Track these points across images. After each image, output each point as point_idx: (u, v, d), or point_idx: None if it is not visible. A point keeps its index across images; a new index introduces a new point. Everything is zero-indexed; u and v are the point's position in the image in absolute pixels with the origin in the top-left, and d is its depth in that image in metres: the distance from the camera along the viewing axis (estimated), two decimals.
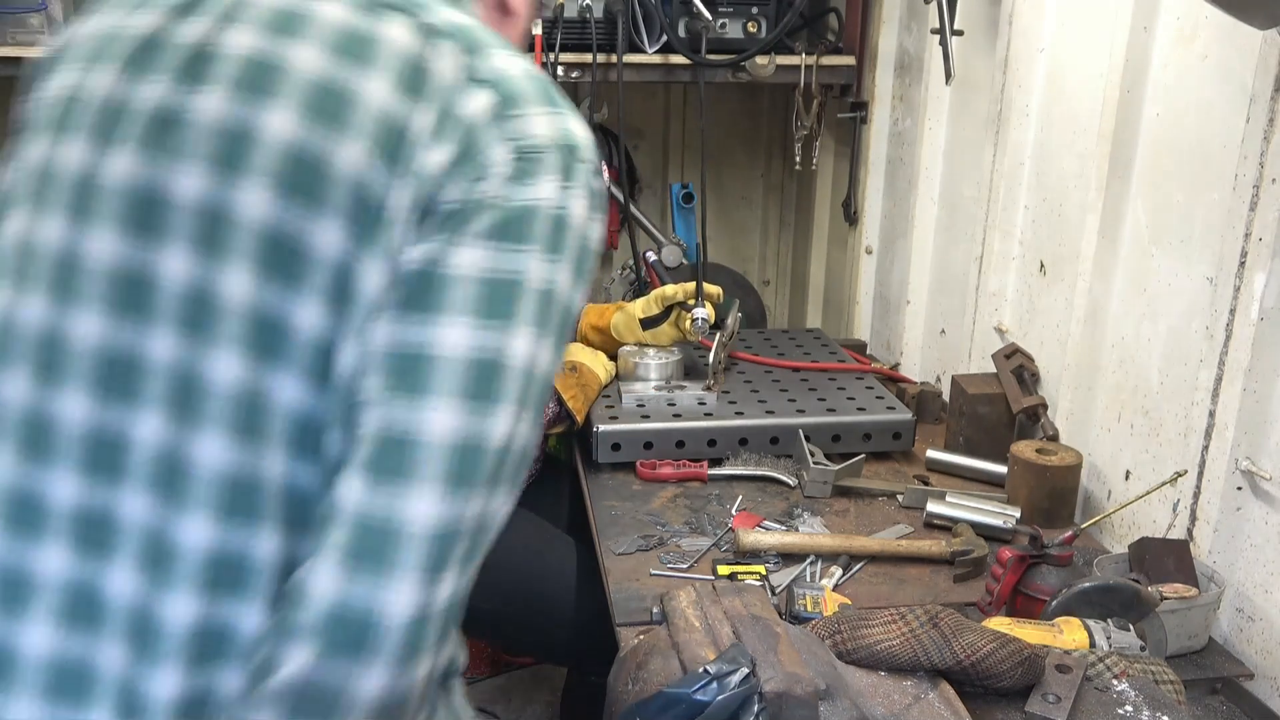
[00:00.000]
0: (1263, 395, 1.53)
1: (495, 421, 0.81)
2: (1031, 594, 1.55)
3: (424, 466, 0.79)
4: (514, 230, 0.83)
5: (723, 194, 3.70)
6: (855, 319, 3.10)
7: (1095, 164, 1.89)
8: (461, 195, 0.83)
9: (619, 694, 1.32)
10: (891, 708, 1.27)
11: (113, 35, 0.93)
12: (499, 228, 0.83)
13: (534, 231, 0.84)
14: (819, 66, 2.89)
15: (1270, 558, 1.52)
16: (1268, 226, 1.48)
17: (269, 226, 0.84)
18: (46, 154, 0.92)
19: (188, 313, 0.84)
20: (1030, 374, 2.15)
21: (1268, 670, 1.51)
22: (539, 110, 0.87)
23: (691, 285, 2.33)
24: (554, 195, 0.85)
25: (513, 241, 0.83)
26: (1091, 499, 1.97)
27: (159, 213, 0.86)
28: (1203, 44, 1.64)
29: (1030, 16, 2.16)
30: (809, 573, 1.70)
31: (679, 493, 1.99)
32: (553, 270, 0.84)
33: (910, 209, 2.71)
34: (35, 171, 0.92)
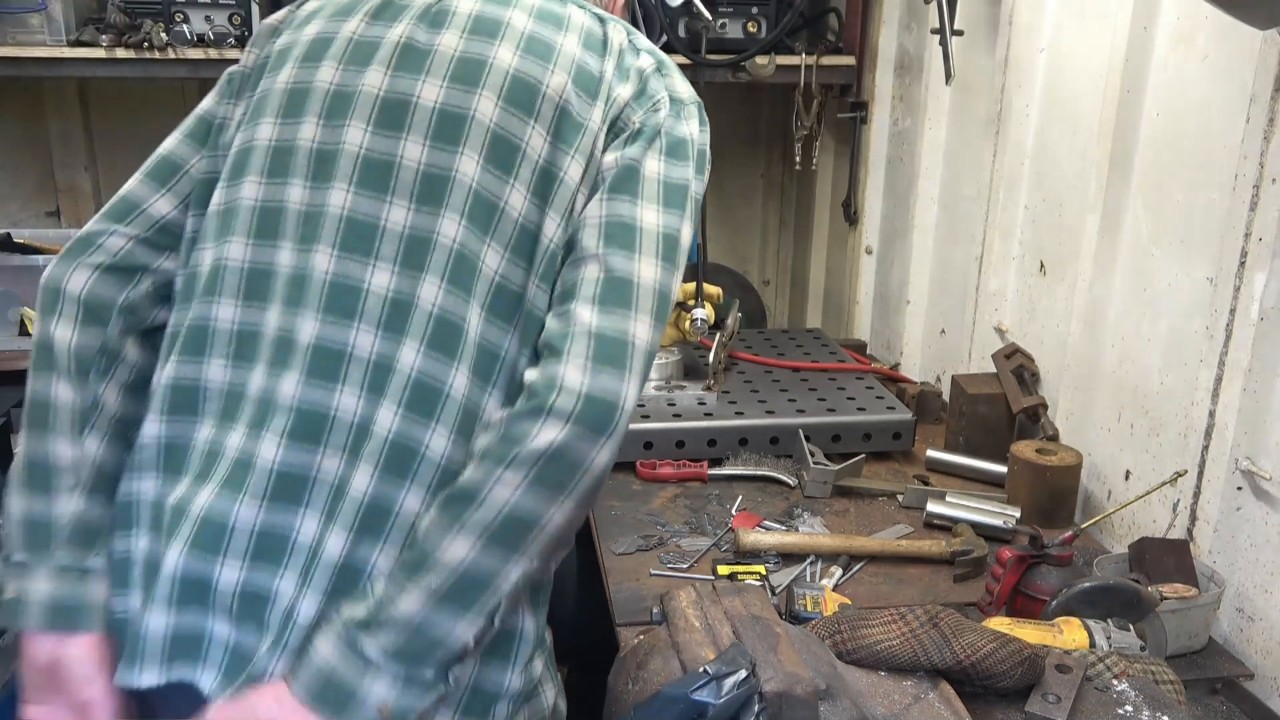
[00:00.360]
0: (1263, 395, 1.53)
1: (673, 278, 1.12)
2: (1031, 594, 1.55)
3: (641, 301, 1.07)
4: (679, 153, 1.16)
5: (723, 194, 3.70)
6: (855, 319, 3.10)
7: (1095, 164, 1.89)
8: (641, 119, 1.15)
9: (619, 694, 1.32)
10: (891, 708, 1.27)
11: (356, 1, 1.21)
12: (670, 149, 1.15)
13: (689, 155, 1.16)
14: (819, 66, 2.89)
15: (1270, 558, 1.52)
16: (1268, 226, 1.48)
17: (495, 126, 1.11)
18: (301, 76, 1.17)
19: (421, 189, 1.11)
20: (1030, 374, 2.15)
21: (1268, 670, 1.51)
22: (679, 76, 1.22)
23: (691, 286, 2.33)
24: (696, 133, 1.18)
25: (679, 160, 1.15)
26: (1091, 499, 1.97)
27: (404, 113, 1.12)
28: (1203, 44, 1.64)
29: (1030, 16, 2.16)
30: (809, 573, 1.71)
31: (679, 493, 1.99)
32: (699, 184, 1.17)
33: (910, 209, 2.71)
34: (286, 89, 1.17)
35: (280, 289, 1.13)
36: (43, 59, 2.67)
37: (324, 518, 1.07)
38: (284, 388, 1.10)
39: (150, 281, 1.19)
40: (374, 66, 1.15)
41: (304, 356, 1.10)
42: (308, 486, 1.08)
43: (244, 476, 1.09)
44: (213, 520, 1.08)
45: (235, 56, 2.69)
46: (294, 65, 1.18)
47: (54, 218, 3.47)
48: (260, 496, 1.08)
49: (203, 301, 1.15)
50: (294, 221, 1.13)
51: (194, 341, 1.14)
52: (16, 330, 2.53)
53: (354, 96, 1.14)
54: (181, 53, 2.70)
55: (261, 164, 1.16)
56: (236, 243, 1.15)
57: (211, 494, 1.09)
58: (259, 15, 2.72)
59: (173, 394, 1.14)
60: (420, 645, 1.01)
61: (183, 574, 1.08)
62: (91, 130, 3.45)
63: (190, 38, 2.67)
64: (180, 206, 1.21)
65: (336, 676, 1.02)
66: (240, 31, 2.71)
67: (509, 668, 1.11)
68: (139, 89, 3.37)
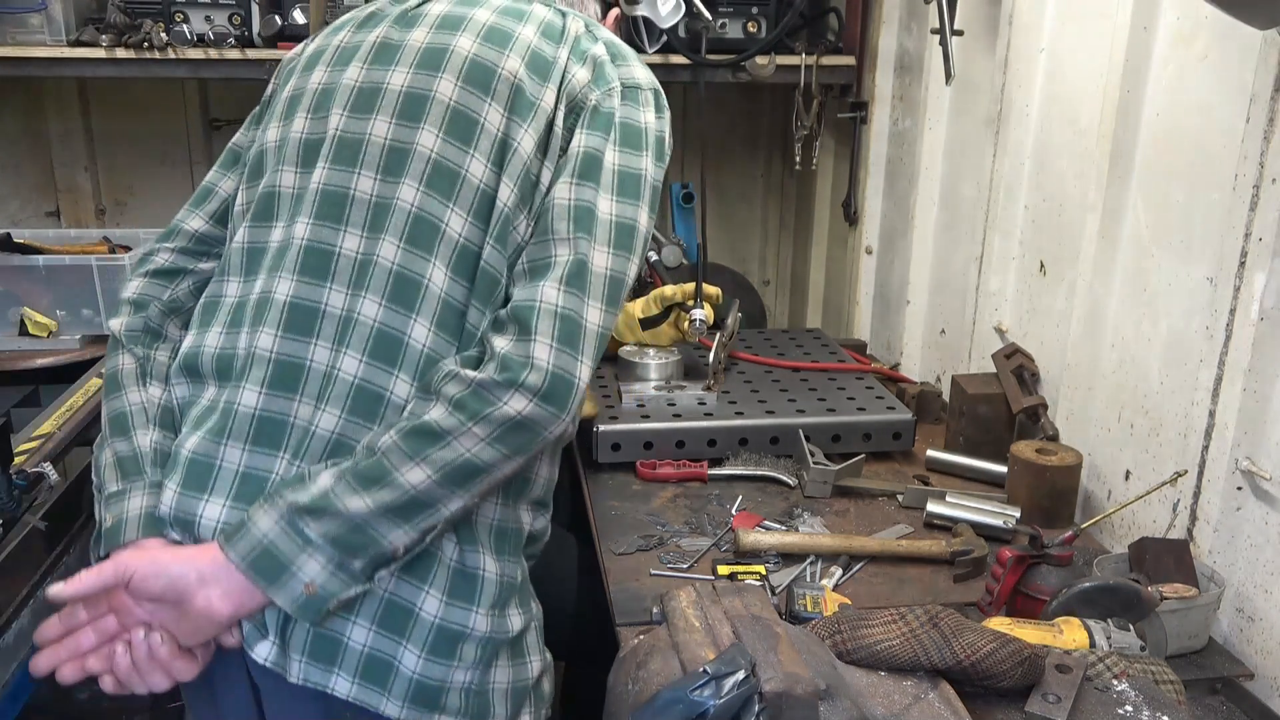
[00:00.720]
0: (1263, 395, 1.53)
1: (627, 264, 1.24)
2: (1031, 594, 1.55)
3: (594, 287, 1.20)
4: (635, 141, 1.28)
5: (723, 194, 3.70)
6: (855, 319, 3.10)
7: (1095, 164, 1.89)
8: (598, 99, 1.27)
9: (619, 694, 1.32)
10: (891, 708, 1.27)
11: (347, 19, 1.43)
12: (626, 139, 1.27)
13: (644, 143, 1.29)
14: (819, 66, 2.89)
15: (1270, 558, 1.52)
16: (1268, 226, 1.48)
17: (454, 103, 1.26)
18: (298, 85, 1.38)
19: (387, 161, 1.26)
20: (1030, 374, 2.15)
21: (1268, 670, 1.51)
22: (635, 63, 1.34)
23: (690, 286, 2.33)
24: (653, 120, 1.31)
25: (635, 150, 1.28)
26: (1091, 499, 1.97)
27: (375, 97, 1.29)
28: (1203, 44, 1.64)
29: (1030, 16, 2.16)
30: (809, 573, 1.70)
31: (679, 493, 1.99)
32: (656, 170, 1.29)
33: (910, 209, 2.71)
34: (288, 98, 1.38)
35: (267, 261, 1.29)
36: (43, 59, 2.67)
37: (293, 457, 1.22)
38: (262, 341, 1.25)
39: (190, 280, 1.42)
40: (353, 64, 1.33)
41: (280, 313, 1.25)
42: (286, 431, 1.22)
43: (225, 424, 1.24)
44: (199, 460, 1.24)
45: (235, 57, 2.71)
46: (296, 77, 1.39)
47: (54, 218, 3.47)
48: (242, 439, 1.23)
49: (215, 282, 1.36)
50: (285, 203, 1.31)
51: (205, 315, 1.35)
52: (16, 330, 2.53)
53: (335, 90, 1.32)
54: (181, 53, 2.70)
55: (269, 161, 1.35)
56: (242, 229, 1.34)
57: (198, 439, 1.25)
58: (259, 15, 2.72)
59: (185, 360, 1.33)
60: (358, 540, 1.15)
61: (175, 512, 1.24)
62: (91, 130, 3.45)
63: (190, 38, 2.67)
64: (211, 221, 1.43)
65: (274, 549, 1.14)
66: (240, 31, 2.71)
67: (473, 607, 1.23)
68: (139, 89, 3.37)
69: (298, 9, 2.68)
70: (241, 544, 1.15)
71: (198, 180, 1.51)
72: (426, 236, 1.23)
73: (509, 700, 1.29)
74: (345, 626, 1.20)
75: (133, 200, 3.54)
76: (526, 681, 1.31)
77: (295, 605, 1.16)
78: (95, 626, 1.20)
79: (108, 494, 1.28)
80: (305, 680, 1.20)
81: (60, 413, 2.10)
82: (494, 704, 1.27)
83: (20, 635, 1.64)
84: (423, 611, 1.22)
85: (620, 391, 2.22)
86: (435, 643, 1.22)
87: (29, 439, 1.97)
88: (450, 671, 1.23)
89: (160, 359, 1.36)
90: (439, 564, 1.23)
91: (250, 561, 1.15)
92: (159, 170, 3.50)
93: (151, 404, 1.32)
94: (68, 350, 2.49)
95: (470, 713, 1.25)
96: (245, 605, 1.17)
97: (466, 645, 1.23)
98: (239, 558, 1.15)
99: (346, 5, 2.66)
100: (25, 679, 1.68)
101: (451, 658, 1.22)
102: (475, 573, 1.25)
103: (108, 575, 1.16)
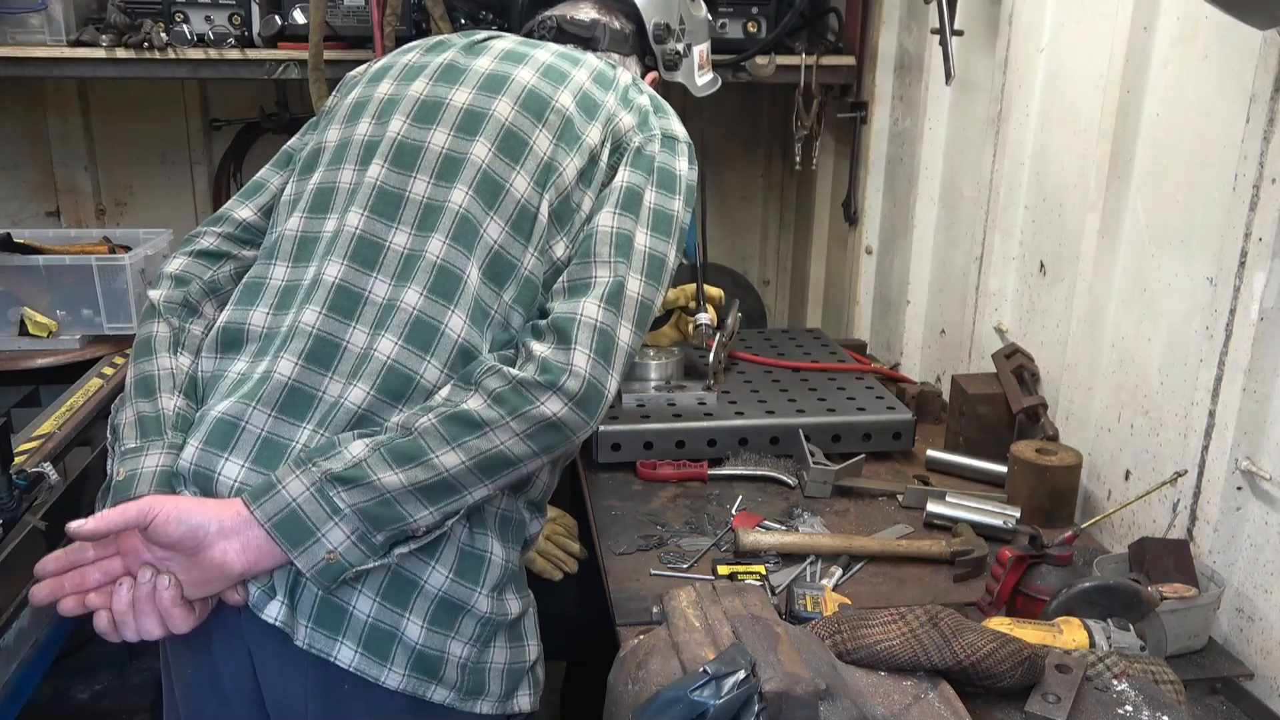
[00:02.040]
0: (1263, 395, 1.53)
1: (656, 293, 1.36)
2: (1031, 594, 1.55)
3: (627, 309, 1.31)
4: (670, 186, 1.41)
5: (723, 194, 3.70)
6: (855, 319, 3.10)
7: (1095, 164, 1.89)
8: (642, 142, 1.41)
9: (619, 694, 1.32)
10: (891, 708, 1.27)
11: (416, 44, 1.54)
12: (663, 183, 1.40)
13: (678, 188, 1.42)
14: (819, 66, 2.89)
15: (1270, 558, 1.52)
16: (1268, 226, 1.48)
17: (509, 124, 1.37)
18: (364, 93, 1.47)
19: (442, 167, 1.35)
20: (1030, 374, 2.15)
21: (1268, 670, 1.51)
22: (674, 119, 1.48)
23: (691, 287, 2.33)
24: (686, 169, 1.44)
25: (670, 193, 1.41)
26: (1091, 499, 1.97)
27: (437, 110, 1.39)
28: (1203, 44, 1.64)
29: (1030, 16, 2.16)
30: (809, 573, 1.70)
31: (679, 493, 1.99)
32: (685, 214, 1.42)
33: (910, 209, 2.71)
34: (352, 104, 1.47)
35: (320, 250, 1.36)
36: (43, 59, 2.67)
37: (316, 428, 1.26)
38: (306, 317, 1.30)
39: (232, 265, 1.47)
40: (420, 80, 1.44)
41: (327, 293, 1.31)
42: (313, 404, 1.27)
43: (259, 390, 1.28)
44: (225, 420, 1.27)
45: (235, 57, 2.71)
46: (361, 87, 1.49)
47: (54, 218, 3.47)
48: (271, 405, 1.27)
49: (261, 264, 1.41)
50: (342, 197, 1.38)
51: (247, 293, 1.39)
52: (16, 330, 2.53)
53: (400, 100, 1.42)
54: (181, 53, 2.70)
55: (327, 159, 1.43)
56: (295, 217, 1.40)
57: (230, 403, 1.29)
58: (259, 15, 2.72)
59: (223, 335, 1.37)
60: (385, 514, 1.19)
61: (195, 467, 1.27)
62: (91, 130, 3.45)
63: (190, 38, 2.67)
64: (259, 213, 1.49)
65: (302, 513, 1.18)
66: (240, 31, 2.71)
67: (476, 588, 1.28)
68: (139, 89, 3.37)
69: (298, 9, 2.67)
70: (269, 504, 1.19)
71: (198, 180, 1.53)
72: (468, 236, 1.32)
73: (504, 679, 1.32)
74: (351, 595, 1.23)
75: (133, 200, 3.54)
76: (523, 664, 1.35)
77: (314, 569, 1.19)
78: (100, 565, 1.22)
79: (124, 449, 1.30)
80: (310, 646, 1.23)
81: (60, 413, 2.10)
82: (489, 681, 1.30)
83: (20, 635, 1.64)
84: (427, 585, 1.26)
85: (620, 391, 2.22)
86: (436, 613, 1.26)
87: (29, 439, 1.97)
88: (448, 642, 1.26)
89: (195, 332, 1.41)
90: (448, 542, 1.27)
91: (276, 523, 1.18)
92: (159, 170, 3.50)
93: (180, 371, 1.36)
94: (68, 350, 2.49)
95: (465, 688, 1.28)
96: (260, 563, 1.20)
97: (466, 620, 1.27)
98: (265, 517, 1.18)
99: (347, 7, 2.66)
100: (25, 679, 1.68)
101: (450, 629, 1.26)
102: (482, 555, 1.30)
103: (131, 514, 1.17)
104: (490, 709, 1.31)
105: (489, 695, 1.31)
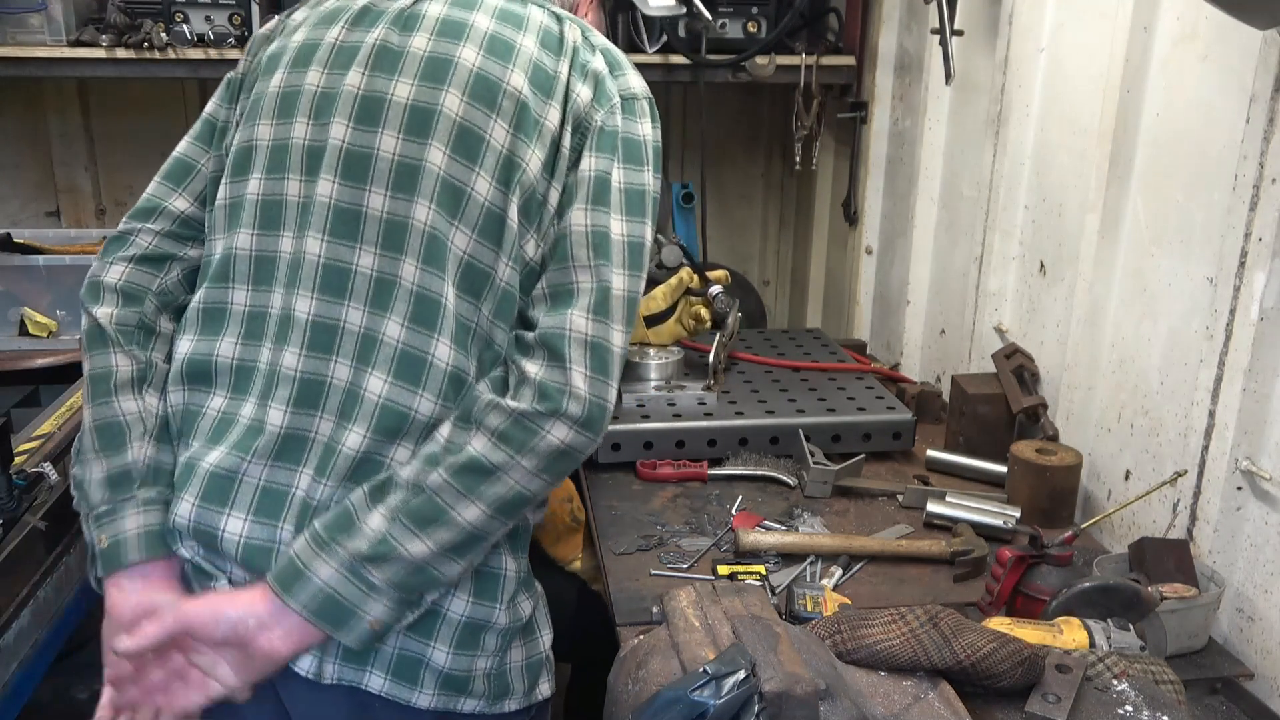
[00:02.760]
0: (1263, 395, 1.53)
1: (639, 282, 1.26)
2: (1031, 594, 1.55)
3: (616, 310, 1.22)
4: (636, 157, 1.28)
5: (723, 194, 3.70)
6: (855, 319, 3.10)
7: (1095, 164, 1.89)
8: (603, 119, 1.27)
9: (619, 694, 1.32)
10: (891, 708, 1.27)
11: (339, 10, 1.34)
12: (629, 155, 1.27)
13: (644, 157, 1.29)
14: (819, 66, 2.89)
15: (1270, 558, 1.52)
16: (1268, 226, 1.48)
17: (461, 119, 1.24)
18: (291, 80, 1.30)
19: (397, 178, 1.23)
20: (1030, 374, 2.14)
21: (1268, 670, 1.51)
22: (630, 71, 1.32)
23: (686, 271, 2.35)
24: (650, 131, 1.30)
25: (637, 165, 1.28)
26: (1091, 499, 1.97)
27: (380, 109, 1.25)
28: (1203, 44, 1.64)
29: (1030, 16, 2.16)
30: (809, 573, 1.70)
31: (679, 493, 1.99)
32: (655, 183, 1.30)
33: (910, 209, 2.71)
34: (279, 93, 1.30)
35: (282, 273, 1.27)
36: (43, 59, 2.67)
37: (315, 473, 1.22)
38: (287, 360, 1.24)
39: (179, 269, 1.37)
40: (354, 69, 1.28)
41: (303, 332, 1.24)
42: (307, 447, 1.23)
43: (252, 442, 1.23)
44: (220, 475, 1.24)
45: (235, 57, 2.70)
46: (284, 70, 1.32)
47: (54, 218, 3.47)
48: (267, 456, 1.23)
49: (216, 287, 1.31)
50: (292, 212, 1.28)
51: (209, 322, 1.30)
52: (16, 330, 2.53)
53: (337, 96, 1.27)
54: (181, 53, 2.70)
55: (262, 161, 1.30)
56: (244, 234, 1.29)
57: (222, 454, 1.24)
58: (259, 15, 2.72)
59: (190, 367, 1.30)
60: (419, 580, 1.19)
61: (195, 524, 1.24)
62: (91, 130, 3.45)
63: (190, 38, 2.67)
64: (196, 203, 1.38)
65: (339, 597, 1.17)
66: (240, 31, 2.71)
67: (496, 603, 1.28)
68: (139, 89, 3.36)
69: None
70: (303, 593, 1.17)
71: None
72: (439, 255, 1.22)
73: (525, 675, 1.33)
74: None
75: (132, 200, 3.50)
76: (540, 655, 1.36)
77: (358, 640, 1.19)
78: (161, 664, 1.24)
79: (97, 513, 1.26)
80: (339, 680, 1.23)
81: (60, 413, 2.10)
82: (513, 681, 1.32)
83: (20, 635, 1.64)
84: (450, 613, 1.25)
85: (620, 391, 2.22)
86: (461, 638, 1.26)
87: (29, 439, 1.97)
88: (475, 660, 1.27)
89: (159, 362, 1.32)
90: None
91: (315, 610, 1.17)
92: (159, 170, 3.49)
93: (150, 414, 1.29)
94: (68, 350, 2.49)
95: (492, 694, 1.29)
96: (305, 644, 1.20)
97: (488, 636, 1.28)
98: (301, 606, 1.17)
99: None
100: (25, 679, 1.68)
101: (475, 648, 1.27)
102: (498, 573, 1.29)
103: (169, 625, 1.18)
104: (517, 705, 1.32)
105: (514, 694, 1.32)
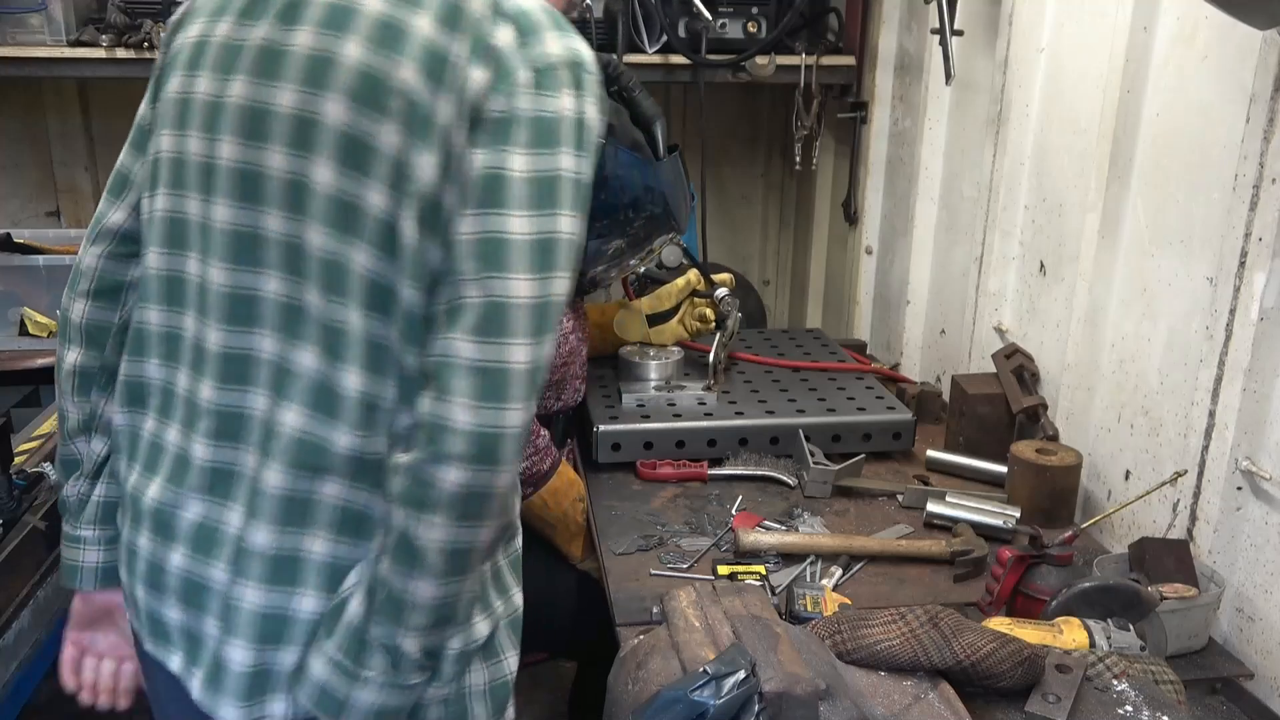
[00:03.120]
0: (1263, 395, 1.53)
1: (553, 284, 1.08)
2: (1031, 594, 1.55)
3: (515, 324, 1.06)
4: (547, 138, 1.08)
5: (723, 194, 3.70)
6: (855, 319, 3.10)
7: (1095, 164, 1.89)
8: (502, 107, 1.07)
9: (619, 694, 1.32)
10: (891, 708, 1.27)
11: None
12: (536, 138, 1.07)
13: (559, 137, 1.08)
14: (819, 66, 2.89)
15: (1270, 558, 1.52)
16: (1268, 226, 1.48)
17: (346, 128, 1.09)
18: (185, 86, 1.21)
19: (289, 197, 1.13)
20: (1030, 374, 2.15)
21: (1268, 670, 1.51)
22: (550, 33, 1.11)
23: (694, 273, 2.35)
24: (570, 104, 1.10)
25: (547, 148, 1.08)
26: (1091, 499, 1.97)
27: (265, 122, 1.13)
28: (1203, 44, 1.64)
29: (1030, 16, 2.16)
30: (809, 573, 1.70)
31: (679, 493, 1.99)
32: (578, 163, 1.10)
33: (910, 209, 2.71)
34: (176, 100, 1.22)
35: (191, 297, 1.22)
36: (43, 59, 2.67)
37: (246, 511, 1.17)
38: (204, 392, 1.20)
39: (133, 297, 1.30)
40: (239, 75, 1.17)
41: (218, 364, 1.19)
42: (236, 482, 1.18)
43: (183, 474, 1.22)
44: (163, 510, 1.22)
45: None
46: (180, 73, 1.23)
47: (54, 218, 3.47)
48: (199, 490, 1.21)
49: (140, 306, 1.27)
50: (195, 233, 1.21)
51: (136, 342, 1.28)
52: (16, 330, 2.53)
53: (224, 108, 1.18)
54: None
55: (166, 176, 1.24)
56: (154, 252, 1.25)
57: (159, 488, 1.23)
58: None
59: (126, 388, 1.28)
60: (419, 659, 1.14)
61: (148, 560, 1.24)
62: (91, 130, 3.45)
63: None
64: (132, 214, 1.30)
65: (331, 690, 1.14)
66: None
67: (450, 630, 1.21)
68: (139, 89, 3.35)
69: None
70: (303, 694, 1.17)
71: None
72: (339, 279, 1.12)
73: (489, 699, 1.24)
74: None
75: None
76: (505, 678, 1.27)
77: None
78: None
79: (64, 529, 1.35)
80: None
81: None
82: (472, 706, 1.23)
83: (20, 635, 1.64)
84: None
85: (620, 391, 2.22)
86: None
87: (29, 439, 1.97)
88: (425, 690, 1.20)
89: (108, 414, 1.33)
90: None
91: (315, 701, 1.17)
92: None
93: (93, 459, 1.34)
94: None
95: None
96: None
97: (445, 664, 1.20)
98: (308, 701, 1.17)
99: None
100: (25, 679, 1.68)
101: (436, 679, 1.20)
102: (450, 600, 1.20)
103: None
104: None
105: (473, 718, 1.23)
